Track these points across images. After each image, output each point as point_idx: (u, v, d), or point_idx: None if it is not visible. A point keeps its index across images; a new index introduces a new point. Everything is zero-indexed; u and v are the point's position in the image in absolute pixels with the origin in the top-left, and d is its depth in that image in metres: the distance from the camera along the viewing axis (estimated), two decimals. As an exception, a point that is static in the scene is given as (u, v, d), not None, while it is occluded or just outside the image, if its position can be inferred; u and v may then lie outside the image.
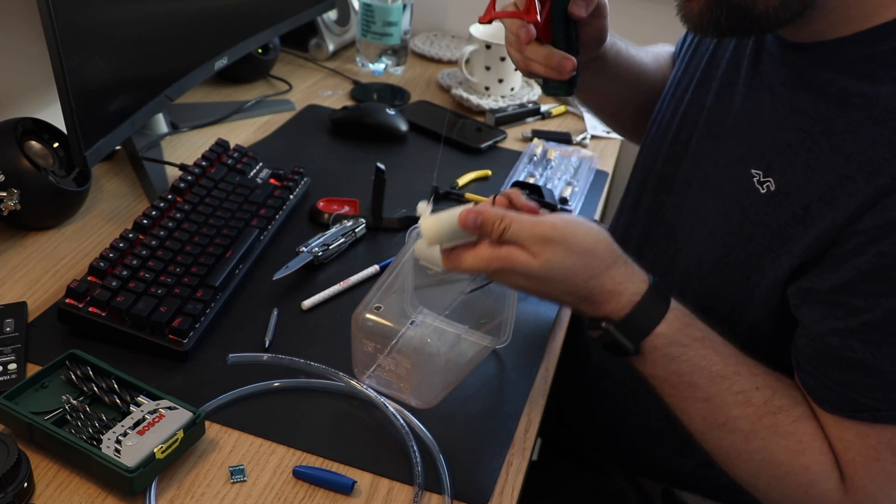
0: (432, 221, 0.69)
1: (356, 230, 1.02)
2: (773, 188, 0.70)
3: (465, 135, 1.31)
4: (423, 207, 0.70)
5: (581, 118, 1.44)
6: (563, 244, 0.65)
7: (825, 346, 0.66)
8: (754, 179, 0.72)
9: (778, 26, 0.69)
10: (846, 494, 0.67)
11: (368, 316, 0.77)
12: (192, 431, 0.70)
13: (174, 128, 1.23)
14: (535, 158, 1.27)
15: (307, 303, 0.90)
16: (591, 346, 0.98)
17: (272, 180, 1.09)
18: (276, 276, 0.91)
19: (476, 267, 0.68)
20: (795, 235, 0.68)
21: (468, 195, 1.14)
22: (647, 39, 1.65)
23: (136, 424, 0.69)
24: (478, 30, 1.45)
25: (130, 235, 0.90)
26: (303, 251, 0.96)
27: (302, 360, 0.81)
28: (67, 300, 0.82)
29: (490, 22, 0.78)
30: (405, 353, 0.78)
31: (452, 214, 0.68)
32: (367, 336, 0.78)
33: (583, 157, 1.28)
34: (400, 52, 1.52)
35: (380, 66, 1.52)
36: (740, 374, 0.69)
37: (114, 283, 0.82)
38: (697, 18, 0.68)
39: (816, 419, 0.69)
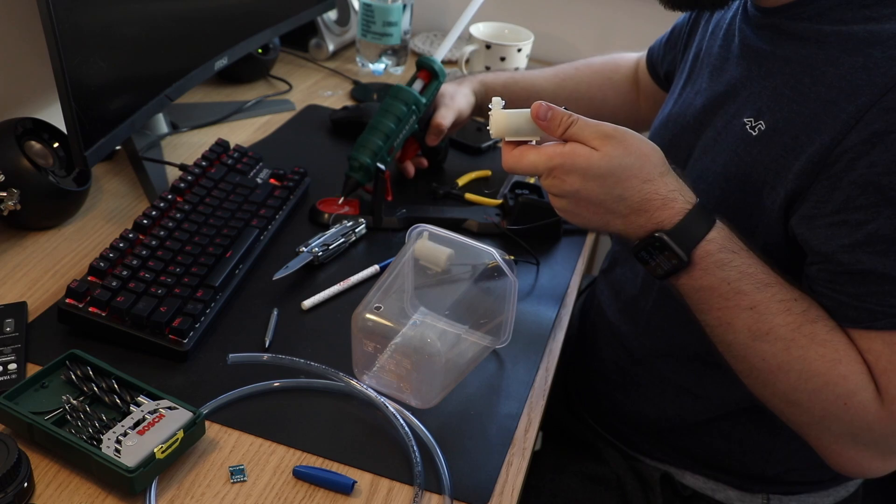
0: (503, 113, 0.73)
1: (356, 230, 1.02)
2: (763, 128, 0.76)
3: (465, 135, 1.31)
4: (497, 101, 0.74)
5: (581, 118, 1.44)
6: (624, 142, 0.69)
7: (836, 264, 0.69)
8: (746, 126, 0.77)
9: (722, 2, 0.79)
10: (884, 406, 0.68)
11: (368, 316, 0.77)
12: (192, 431, 0.70)
13: (174, 128, 1.23)
14: (535, 158, 1.27)
15: (307, 303, 0.90)
16: (600, 318, 1.00)
17: (272, 180, 1.09)
18: (276, 276, 0.91)
19: (537, 162, 0.71)
20: (788, 164, 0.72)
21: (468, 195, 1.14)
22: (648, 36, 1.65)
23: (136, 424, 0.69)
24: (478, 30, 1.45)
25: (130, 235, 0.90)
26: (303, 251, 0.96)
27: (302, 360, 0.81)
28: (67, 300, 0.81)
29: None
30: (405, 353, 0.78)
31: (523, 110, 0.72)
32: (367, 336, 0.78)
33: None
34: (400, 52, 1.52)
35: (380, 66, 1.52)
36: (781, 285, 0.72)
37: (114, 283, 0.82)
38: None
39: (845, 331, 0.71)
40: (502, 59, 1.41)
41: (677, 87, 0.96)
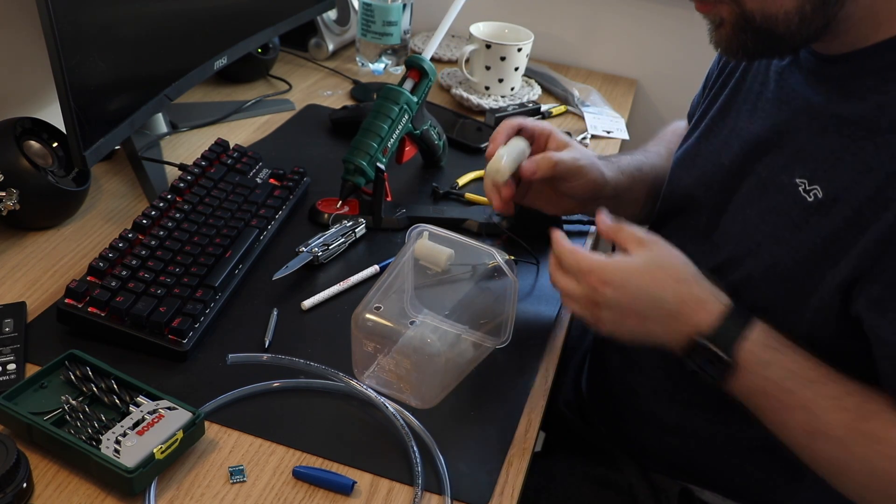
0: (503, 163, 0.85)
1: (356, 230, 1.02)
2: (820, 195, 0.70)
3: (465, 135, 1.31)
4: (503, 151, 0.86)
5: (581, 118, 1.44)
6: (656, 245, 0.75)
7: None
8: (800, 188, 0.72)
9: (804, 44, 0.72)
10: None
11: (368, 316, 0.77)
12: (192, 432, 0.70)
13: (174, 127, 1.23)
14: (535, 158, 1.27)
15: (307, 303, 0.90)
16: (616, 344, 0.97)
17: (272, 180, 1.09)
18: (276, 276, 0.91)
19: (570, 286, 0.76)
20: (852, 238, 0.68)
21: (468, 195, 1.13)
22: (648, 42, 1.65)
23: (136, 425, 0.69)
24: (478, 29, 1.45)
25: (130, 235, 0.90)
26: (303, 251, 0.95)
27: (302, 361, 0.81)
28: (67, 300, 0.81)
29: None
30: (405, 353, 0.78)
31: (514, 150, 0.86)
32: (367, 336, 0.78)
33: (583, 157, 1.28)
34: (400, 52, 1.52)
35: (380, 66, 1.52)
36: (831, 379, 0.69)
37: (113, 284, 0.82)
38: (727, 42, 0.72)
39: None
40: (502, 58, 1.40)
41: (704, 121, 0.90)
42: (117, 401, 0.72)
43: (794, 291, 0.73)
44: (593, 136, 1.38)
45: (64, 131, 0.91)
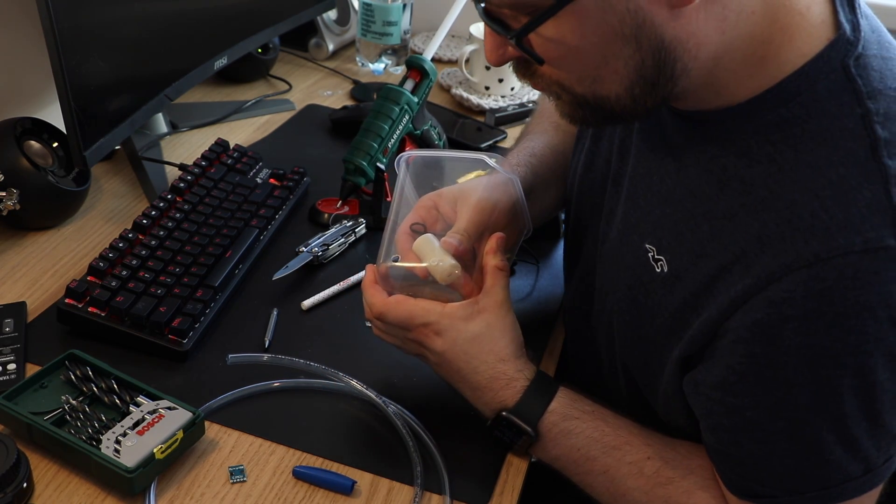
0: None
1: (356, 230, 1.02)
2: (665, 270, 0.70)
3: (465, 135, 1.31)
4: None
5: (581, 118, 1.43)
6: (499, 317, 0.74)
7: (717, 440, 0.67)
8: (649, 255, 0.71)
9: (646, 117, 0.69)
10: None
11: (392, 265, 0.76)
12: (192, 432, 0.70)
13: (174, 127, 1.23)
14: (535, 158, 1.27)
15: (307, 303, 0.90)
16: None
17: (272, 180, 1.09)
18: (276, 276, 0.91)
19: (414, 312, 0.74)
20: (690, 320, 0.67)
21: (468, 195, 1.13)
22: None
23: (136, 425, 0.69)
24: (478, 29, 1.45)
25: (130, 235, 0.90)
26: (303, 251, 0.95)
27: (302, 361, 0.81)
28: (67, 300, 0.81)
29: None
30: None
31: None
32: (401, 286, 0.76)
33: (583, 157, 1.28)
34: (400, 52, 1.52)
35: (380, 66, 1.52)
36: (631, 445, 0.71)
37: (113, 283, 0.82)
38: (568, 115, 0.68)
39: (711, 490, 0.69)
40: (502, 58, 1.40)
41: (582, 143, 0.88)
42: (117, 401, 0.72)
43: (655, 356, 0.72)
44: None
45: (64, 131, 0.91)
